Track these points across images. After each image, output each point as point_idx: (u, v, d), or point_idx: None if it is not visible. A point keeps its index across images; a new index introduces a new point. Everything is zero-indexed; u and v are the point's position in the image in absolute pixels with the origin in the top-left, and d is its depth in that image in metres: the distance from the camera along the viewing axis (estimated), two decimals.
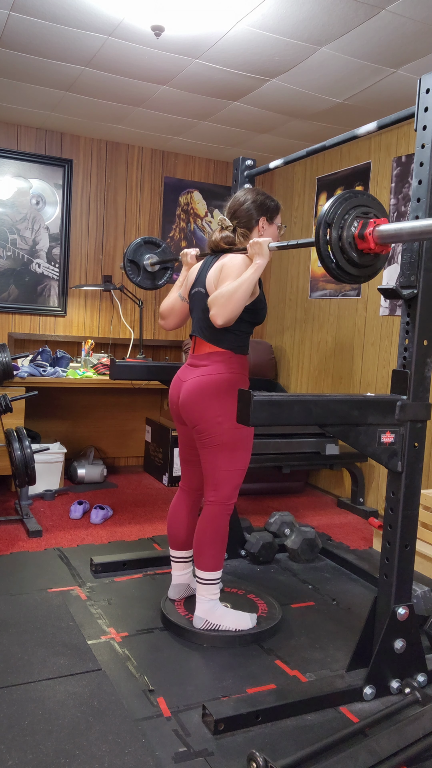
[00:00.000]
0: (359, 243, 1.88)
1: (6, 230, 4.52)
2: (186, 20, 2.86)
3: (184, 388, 2.45)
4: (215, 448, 2.39)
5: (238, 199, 2.49)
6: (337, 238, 1.87)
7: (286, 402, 1.90)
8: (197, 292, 2.48)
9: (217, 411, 2.37)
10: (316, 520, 4.07)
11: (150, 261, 3.30)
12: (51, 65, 3.44)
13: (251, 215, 2.45)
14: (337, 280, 1.94)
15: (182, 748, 1.83)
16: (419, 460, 2.11)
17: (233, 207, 2.49)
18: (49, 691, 2.05)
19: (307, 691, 2.06)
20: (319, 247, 1.88)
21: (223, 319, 2.22)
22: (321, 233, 1.86)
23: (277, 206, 2.51)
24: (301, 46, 3.04)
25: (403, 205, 4.00)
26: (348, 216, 1.88)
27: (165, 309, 2.66)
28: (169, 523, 2.67)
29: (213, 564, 2.41)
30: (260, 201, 2.46)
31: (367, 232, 1.85)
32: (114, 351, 4.91)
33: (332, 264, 1.89)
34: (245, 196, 2.48)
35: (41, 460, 4.03)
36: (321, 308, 4.76)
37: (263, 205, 2.46)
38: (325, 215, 1.87)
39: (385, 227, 1.84)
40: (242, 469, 2.45)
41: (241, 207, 2.46)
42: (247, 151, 4.77)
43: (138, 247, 3.30)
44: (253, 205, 2.45)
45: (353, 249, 1.88)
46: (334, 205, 1.88)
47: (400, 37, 2.88)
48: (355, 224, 1.88)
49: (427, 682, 2.18)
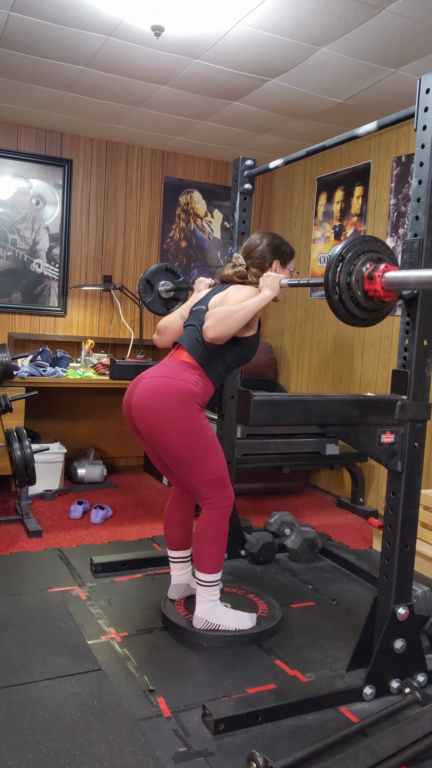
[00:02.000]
0: (366, 283, 1.89)
1: (6, 230, 4.52)
2: (186, 20, 2.86)
3: (143, 384, 2.38)
4: (179, 462, 2.34)
5: (254, 241, 2.53)
6: (346, 279, 1.87)
7: (286, 402, 1.90)
8: (198, 309, 2.49)
9: (171, 419, 2.28)
10: (316, 520, 4.07)
11: (165, 287, 3.34)
12: (51, 65, 3.44)
13: (265, 257, 2.49)
14: (342, 321, 1.94)
15: (182, 748, 1.83)
16: (419, 460, 2.11)
17: (248, 247, 2.53)
18: (49, 691, 2.05)
19: (307, 691, 2.06)
20: (328, 289, 1.88)
21: (214, 333, 2.22)
22: (331, 273, 1.87)
23: (292, 252, 2.57)
24: (301, 46, 3.04)
25: (403, 205, 4.00)
26: (359, 259, 1.89)
27: (162, 325, 2.65)
28: (165, 524, 2.68)
29: (213, 566, 2.41)
30: (276, 245, 2.51)
31: (376, 273, 1.87)
32: (114, 351, 4.91)
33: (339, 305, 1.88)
34: (262, 238, 2.52)
35: (41, 460, 4.03)
36: (321, 308, 4.76)
37: (279, 249, 2.51)
38: (338, 255, 1.88)
39: (393, 273, 1.86)
40: (221, 472, 2.38)
41: (256, 248, 2.51)
42: (247, 151, 4.77)
43: (158, 271, 3.34)
44: (268, 248, 2.49)
45: (360, 289, 1.89)
46: (348, 246, 1.90)
47: (400, 37, 2.88)
48: (367, 266, 1.89)
49: (427, 682, 2.18)
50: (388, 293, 1.88)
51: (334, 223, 4.64)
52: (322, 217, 4.77)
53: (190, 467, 2.34)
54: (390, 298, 1.91)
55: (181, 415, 2.28)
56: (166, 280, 3.34)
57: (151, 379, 2.36)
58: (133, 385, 2.42)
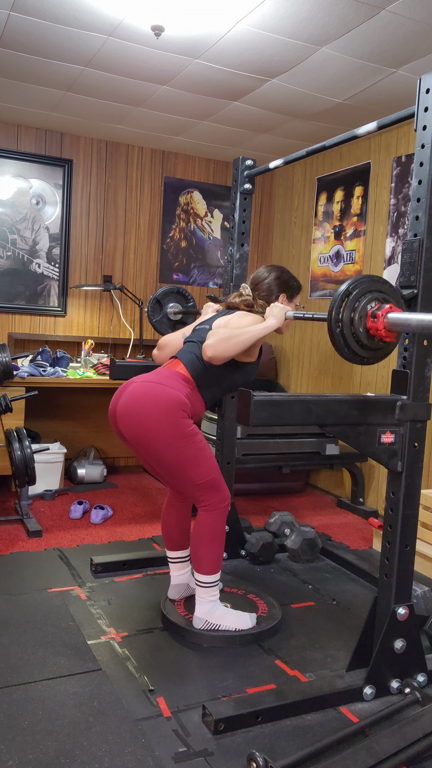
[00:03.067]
0: (369, 321, 1.89)
1: (6, 230, 4.52)
2: (186, 20, 2.86)
3: (130, 389, 2.35)
4: (168, 470, 2.32)
5: (262, 274, 2.55)
6: (349, 314, 1.88)
7: (286, 402, 1.90)
8: (202, 328, 2.51)
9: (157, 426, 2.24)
10: (316, 520, 4.07)
11: (174, 309, 3.36)
12: (51, 65, 3.44)
13: (272, 290, 2.52)
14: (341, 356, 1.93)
15: (182, 748, 1.83)
16: (419, 460, 2.11)
17: (256, 280, 2.56)
18: (49, 691, 2.05)
19: (307, 691, 2.06)
20: (331, 327, 1.88)
21: (213, 351, 2.22)
22: (335, 308, 1.87)
23: (299, 287, 2.59)
24: (301, 46, 3.04)
25: (403, 205, 4.00)
26: (365, 297, 1.90)
27: (163, 341, 2.67)
28: (163, 525, 2.68)
29: (211, 567, 2.40)
30: (284, 279, 2.54)
31: (380, 312, 1.87)
32: (114, 351, 4.91)
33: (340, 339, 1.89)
34: (270, 272, 2.54)
35: (41, 460, 4.03)
36: (321, 308, 4.76)
37: (286, 284, 2.54)
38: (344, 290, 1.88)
39: (396, 314, 1.87)
40: (213, 474, 2.35)
41: (264, 281, 2.54)
42: (247, 151, 4.77)
43: (169, 292, 3.37)
44: (276, 282, 2.52)
45: (362, 326, 1.89)
46: (355, 283, 1.90)
47: (400, 37, 2.88)
48: (372, 304, 1.90)
49: (427, 682, 2.18)
50: (389, 333, 1.89)
51: (334, 223, 4.64)
52: (322, 217, 4.77)
53: (179, 473, 2.32)
54: (390, 339, 1.91)
55: (168, 421, 2.24)
56: (175, 303, 3.38)
57: (141, 384, 2.34)
58: (121, 390, 2.40)
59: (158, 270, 5.04)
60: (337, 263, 4.60)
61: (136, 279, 4.97)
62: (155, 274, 5.04)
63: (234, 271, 3.11)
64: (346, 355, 1.92)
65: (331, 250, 4.66)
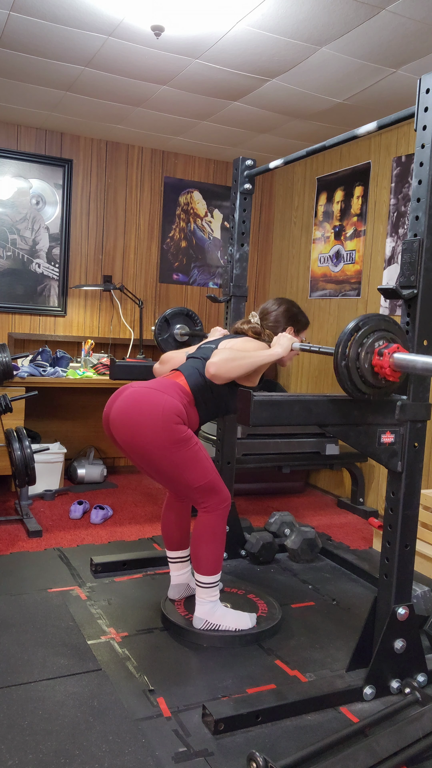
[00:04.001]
0: (375, 358, 1.90)
1: (6, 230, 4.52)
2: (186, 20, 2.86)
3: (126, 393, 2.32)
4: (166, 474, 2.31)
5: (271, 306, 2.59)
6: (356, 349, 1.89)
7: (286, 402, 1.90)
8: (207, 347, 2.51)
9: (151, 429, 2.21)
10: (316, 520, 4.07)
11: (181, 331, 3.38)
12: (51, 65, 3.44)
13: (279, 322, 2.55)
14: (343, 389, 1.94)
15: (182, 748, 1.83)
16: (419, 460, 2.11)
17: (265, 310, 2.59)
18: (49, 691, 2.05)
19: (307, 691, 2.06)
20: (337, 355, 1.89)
21: (216, 369, 2.23)
22: (343, 342, 1.88)
23: (306, 322, 2.63)
24: (301, 46, 3.04)
25: (403, 205, 4.00)
26: (374, 335, 1.91)
27: (166, 356, 2.69)
28: (162, 526, 2.68)
29: (211, 568, 2.40)
30: (293, 313, 2.58)
31: (386, 350, 1.89)
32: (114, 351, 4.91)
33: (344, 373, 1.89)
34: (280, 304, 2.58)
35: (41, 460, 4.03)
36: (321, 308, 4.76)
37: (294, 317, 2.58)
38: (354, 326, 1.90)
39: (401, 355, 1.88)
40: (210, 476, 2.33)
41: (272, 312, 2.57)
42: (247, 151, 4.77)
43: (179, 313, 3.40)
44: (285, 315, 2.56)
45: (368, 362, 1.90)
46: (365, 320, 1.91)
47: (400, 37, 2.88)
48: (380, 342, 1.91)
49: (427, 682, 2.18)
50: (393, 373, 1.90)
51: (334, 223, 4.64)
52: (322, 217, 4.77)
53: (175, 477, 2.31)
54: (394, 379, 1.92)
55: (162, 427, 2.22)
56: (183, 324, 3.40)
57: (138, 389, 2.32)
58: (117, 394, 2.38)
59: (158, 270, 5.04)
60: (337, 263, 4.60)
61: (136, 279, 4.97)
62: (155, 274, 5.04)
63: (234, 271, 3.11)
64: (349, 390, 1.92)
65: (331, 250, 4.66)
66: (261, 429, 3.97)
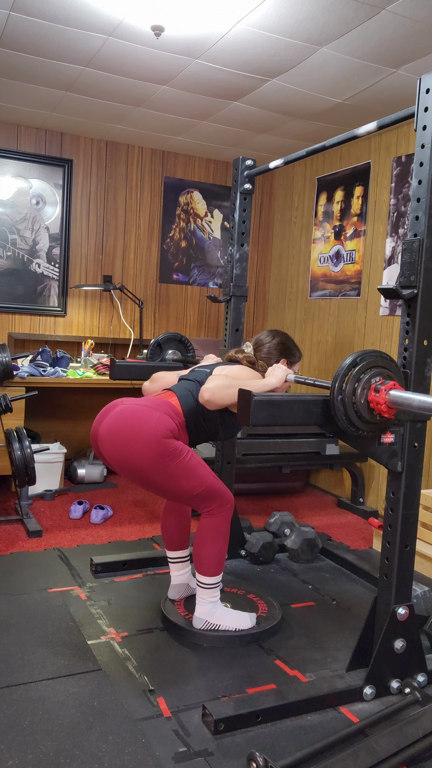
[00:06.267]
0: (371, 394, 1.90)
1: (6, 230, 4.52)
2: (186, 20, 2.86)
3: (116, 410, 2.30)
4: (162, 488, 2.28)
5: (264, 338, 2.61)
6: (353, 385, 1.90)
7: (286, 402, 1.90)
8: (201, 371, 2.51)
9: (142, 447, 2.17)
10: (316, 520, 4.07)
11: (173, 356, 3.38)
12: (51, 65, 3.44)
13: (272, 354, 2.56)
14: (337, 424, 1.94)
15: (182, 748, 1.83)
16: (419, 460, 2.11)
17: (258, 342, 2.61)
18: (49, 691, 2.05)
19: (307, 691, 2.06)
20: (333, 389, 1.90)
21: (210, 395, 2.22)
22: (340, 377, 1.89)
23: (299, 356, 2.65)
24: (301, 46, 3.04)
25: (403, 205, 4.00)
26: (371, 371, 1.92)
27: (157, 375, 2.68)
28: (162, 525, 2.68)
29: (213, 569, 2.40)
30: (287, 346, 2.59)
31: (383, 387, 1.89)
32: (114, 351, 4.91)
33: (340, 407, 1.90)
34: (274, 337, 2.59)
35: (41, 460, 4.03)
36: (321, 308, 4.76)
37: (288, 351, 2.59)
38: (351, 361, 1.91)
39: (398, 392, 1.89)
40: (207, 482, 2.30)
41: (265, 344, 2.58)
42: (247, 151, 4.77)
43: (171, 339, 3.40)
44: (278, 347, 2.57)
45: (363, 397, 1.90)
46: (362, 356, 1.92)
47: (400, 37, 2.88)
48: (376, 379, 1.92)
49: (427, 682, 2.18)
50: (389, 410, 1.90)
51: (334, 223, 4.64)
52: (322, 217, 4.77)
53: (173, 490, 2.29)
54: (389, 416, 1.93)
55: (153, 443, 2.18)
56: (175, 350, 3.40)
57: (128, 406, 2.30)
58: (106, 411, 2.35)
59: (158, 270, 5.04)
60: (337, 263, 4.60)
61: (136, 279, 4.97)
62: (155, 274, 5.04)
63: (234, 271, 3.11)
64: (343, 425, 1.92)
65: (331, 250, 4.66)
66: (261, 429, 3.97)
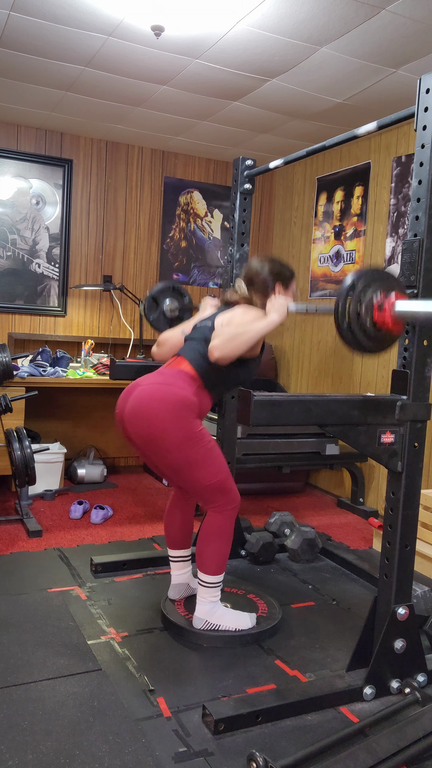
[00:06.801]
0: (376, 313, 1.89)
1: (6, 230, 4.52)
2: (186, 20, 2.86)
3: (137, 392, 2.34)
4: (179, 471, 2.31)
5: (254, 269, 2.53)
6: (356, 307, 1.88)
7: (286, 402, 1.90)
8: (204, 326, 2.49)
9: (165, 426, 2.24)
10: (316, 520, 4.07)
11: (170, 307, 3.31)
12: (51, 65, 3.44)
13: (267, 284, 2.50)
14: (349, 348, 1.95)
15: (182, 748, 1.83)
16: (419, 460, 2.11)
17: (249, 275, 2.54)
18: (49, 691, 2.05)
19: (307, 691, 2.06)
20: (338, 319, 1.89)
21: (220, 353, 2.22)
22: (341, 302, 1.87)
23: (292, 274, 2.58)
24: (301, 46, 3.04)
25: (403, 205, 4.00)
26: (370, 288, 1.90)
27: (163, 338, 2.66)
28: (166, 523, 2.68)
29: (215, 568, 2.40)
30: (277, 270, 2.52)
31: (386, 304, 1.87)
32: (114, 351, 4.91)
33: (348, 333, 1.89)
34: (262, 266, 2.53)
35: (41, 460, 4.03)
36: None
37: (280, 274, 2.53)
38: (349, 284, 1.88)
39: (404, 303, 1.87)
40: (222, 475, 2.35)
41: (257, 276, 2.52)
42: (247, 151, 4.77)
43: (165, 289, 3.31)
44: (270, 276, 2.51)
45: (369, 317, 1.89)
46: (359, 275, 1.90)
47: (400, 37, 2.88)
48: (377, 296, 1.89)
49: (427, 682, 2.18)
50: (396, 324, 1.90)
51: (334, 223, 4.64)
52: (322, 217, 4.77)
53: (188, 475, 2.32)
54: (398, 330, 1.92)
55: (177, 424, 2.24)
56: (172, 299, 3.33)
57: (147, 386, 2.33)
58: (127, 393, 2.39)
59: (158, 270, 5.04)
60: (337, 263, 4.60)
61: (136, 279, 4.97)
62: (155, 274, 5.04)
63: (234, 271, 3.11)
64: (354, 347, 1.93)
65: (331, 250, 4.66)
66: (261, 429, 3.97)
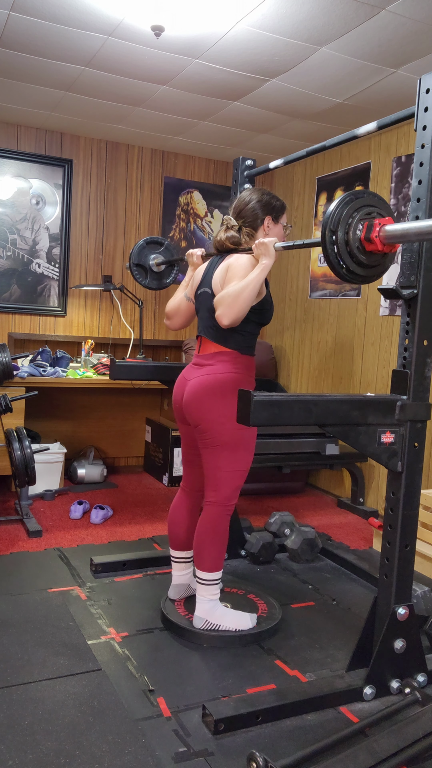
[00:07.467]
0: (367, 245, 1.87)
1: (6, 230, 4.52)
2: (186, 20, 2.86)
3: (189, 386, 2.45)
4: (217, 448, 2.39)
5: (243, 199, 2.49)
6: (343, 240, 1.85)
7: (286, 402, 1.90)
8: (203, 293, 2.48)
9: (220, 411, 2.36)
10: (316, 520, 4.07)
11: (156, 261, 3.28)
12: (51, 65, 3.44)
13: (256, 215, 2.45)
14: (345, 281, 1.91)
15: (182, 748, 1.83)
16: (419, 460, 2.11)
17: (238, 207, 2.50)
18: (49, 691, 2.05)
19: (307, 691, 2.06)
20: (326, 249, 1.86)
21: (229, 320, 2.22)
22: (327, 236, 1.84)
23: (282, 205, 2.52)
24: (301, 46, 3.04)
25: (403, 205, 4.00)
26: (353, 219, 1.86)
27: (171, 309, 2.68)
28: (170, 523, 2.68)
29: (213, 565, 2.41)
30: (266, 200, 2.47)
31: (373, 234, 1.84)
32: (114, 351, 4.91)
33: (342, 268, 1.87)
34: (250, 195, 2.48)
35: (41, 460, 4.03)
36: (321, 308, 4.76)
37: (269, 205, 2.47)
38: (329, 220, 1.85)
39: (391, 227, 1.83)
40: (243, 470, 2.44)
41: (246, 206, 2.47)
42: (247, 151, 4.77)
43: (142, 249, 3.27)
44: (258, 205, 2.45)
45: (361, 252, 1.87)
46: (338, 208, 1.86)
47: (400, 37, 2.88)
48: (360, 227, 1.86)
49: (427, 682, 2.18)
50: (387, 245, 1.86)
51: None
52: (322, 217, 4.77)
53: (226, 453, 2.38)
54: (393, 250, 1.88)
55: (230, 405, 2.34)
56: (154, 254, 3.27)
57: (197, 380, 2.43)
58: (180, 386, 2.52)
59: None
60: None
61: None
62: None
63: None
64: (351, 280, 1.90)
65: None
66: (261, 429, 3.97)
